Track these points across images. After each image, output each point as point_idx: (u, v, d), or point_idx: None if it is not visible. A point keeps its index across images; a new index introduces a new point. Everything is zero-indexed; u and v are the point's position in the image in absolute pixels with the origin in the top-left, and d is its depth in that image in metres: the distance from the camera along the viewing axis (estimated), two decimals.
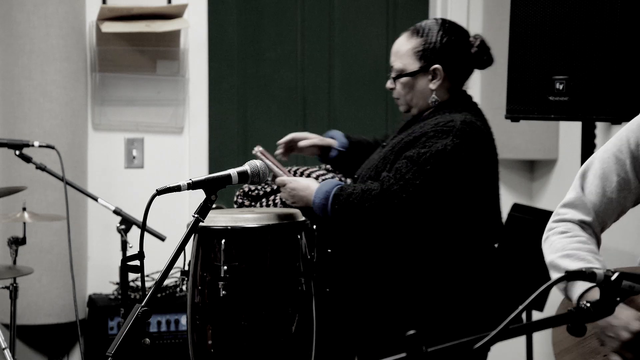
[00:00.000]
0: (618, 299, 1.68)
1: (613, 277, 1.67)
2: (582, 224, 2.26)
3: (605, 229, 2.35)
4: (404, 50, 2.99)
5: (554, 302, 2.54)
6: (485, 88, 4.73)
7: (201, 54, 4.48)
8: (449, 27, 3.00)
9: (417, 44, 2.97)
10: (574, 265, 2.16)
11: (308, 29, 4.70)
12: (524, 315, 3.84)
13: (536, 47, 3.17)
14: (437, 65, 2.95)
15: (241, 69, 4.65)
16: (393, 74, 3.00)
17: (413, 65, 2.97)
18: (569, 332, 1.75)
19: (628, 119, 3.22)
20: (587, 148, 3.35)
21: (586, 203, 2.27)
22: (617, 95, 3.11)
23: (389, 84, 3.03)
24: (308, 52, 4.72)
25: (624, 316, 2.08)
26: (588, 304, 1.67)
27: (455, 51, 2.98)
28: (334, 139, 3.28)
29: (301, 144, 3.27)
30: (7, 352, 2.94)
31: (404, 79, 2.97)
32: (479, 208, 2.93)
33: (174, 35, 4.36)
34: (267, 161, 3.04)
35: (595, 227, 2.27)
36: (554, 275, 2.22)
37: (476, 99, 4.68)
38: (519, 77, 3.27)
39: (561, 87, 3.18)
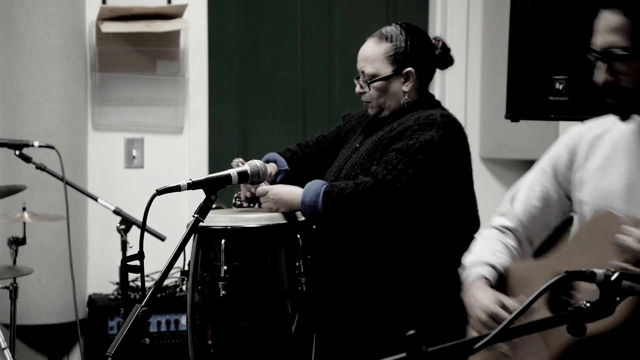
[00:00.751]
0: (618, 298, 1.68)
1: (613, 277, 1.68)
2: (502, 229, 2.42)
3: (534, 243, 2.46)
4: (375, 56, 3.06)
5: None
6: (485, 88, 4.73)
7: (201, 54, 4.48)
8: (413, 31, 3.09)
9: (387, 48, 3.05)
10: (467, 260, 2.41)
11: (308, 29, 4.71)
12: None
13: (536, 47, 3.17)
14: (410, 68, 3.03)
15: (241, 69, 4.65)
16: (365, 79, 3.06)
17: (386, 69, 3.04)
18: (568, 332, 1.75)
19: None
20: None
21: (512, 211, 2.42)
22: None
23: (359, 89, 3.10)
24: (308, 52, 4.72)
25: (480, 297, 2.24)
26: (588, 304, 1.67)
27: (423, 53, 3.07)
28: (272, 162, 3.30)
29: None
30: (7, 352, 2.95)
31: (377, 83, 3.04)
32: (462, 198, 2.99)
33: (174, 35, 4.36)
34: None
35: (517, 234, 2.40)
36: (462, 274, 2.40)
37: (476, 98, 4.74)
38: (519, 77, 3.27)
39: (561, 87, 3.19)
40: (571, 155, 2.32)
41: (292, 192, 3.02)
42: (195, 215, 2.33)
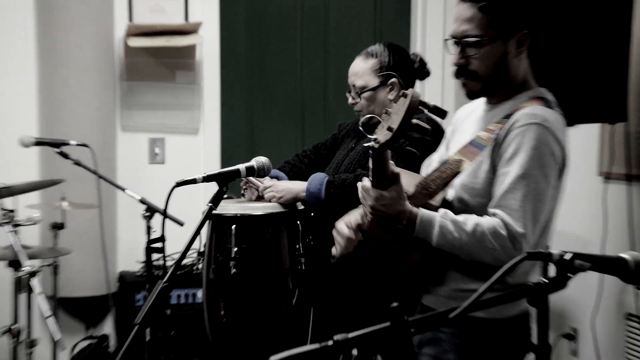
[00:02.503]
0: (570, 275, 1.69)
1: (567, 257, 1.69)
2: None
3: None
4: (363, 70, 3.08)
5: None
6: (458, 96, 4.73)
7: (214, 65, 4.47)
8: (394, 48, 3.11)
9: (374, 64, 3.07)
10: None
11: (306, 45, 4.70)
12: None
13: None
14: (394, 79, 3.04)
15: (248, 78, 4.65)
16: (356, 91, 3.08)
17: (373, 81, 3.06)
18: (529, 304, 1.76)
19: (581, 122, 3.24)
20: None
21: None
22: (569, 103, 3.12)
23: (351, 100, 3.12)
24: (306, 64, 4.72)
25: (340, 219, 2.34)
26: (546, 280, 1.68)
27: (404, 66, 3.08)
28: (274, 178, 3.31)
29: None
30: (51, 319, 2.95)
31: (367, 94, 3.06)
32: None
33: (191, 49, 4.36)
34: (253, 180, 3.16)
35: None
36: None
37: (451, 106, 4.74)
38: None
39: None
40: (452, 130, 2.44)
41: (296, 184, 3.05)
42: (210, 204, 2.33)
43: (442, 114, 2.12)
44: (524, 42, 2.19)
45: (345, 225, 2.30)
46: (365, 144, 2.01)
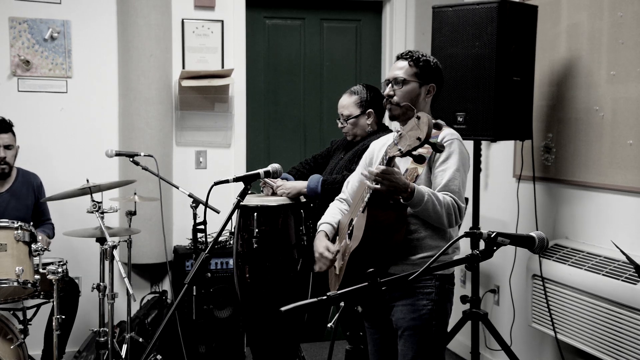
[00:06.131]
0: (495, 248, 1.68)
1: (492, 235, 1.68)
2: (341, 199, 2.56)
3: None
4: (348, 104, 3.08)
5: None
6: None
7: (241, 99, 4.45)
8: (371, 88, 3.13)
9: (356, 99, 3.08)
10: (320, 220, 2.49)
11: (307, 84, 4.68)
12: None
13: (446, 96, 3.17)
14: (370, 110, 3.04)
15: (266, 108, 4.62)
16: (344, 118, 3.08)
17: (356, 111, 3.06)
18: (466, 269, 1.74)
19: (501, 139, 3.24)
20: (476, 156, 3.34)
21: (346, 190, 2.56)
22: (493, 125, 3.11)
23: (340, 125, 3.13)
24: (307, 98, 4.70)
25: (317, 244, 2.38)
26: (477, 252, 1.66)
27: (377, 101, 3.08)
28: (285, 179, 3.29)
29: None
30: (126, 280, 2.93)
31: (351, 120, 3.07)
32: None
33: (225, 88, 4.34)
34: (268, 180, 3.12)
35: (348, 201, 2.55)
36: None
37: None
38: (437, 113, 3.27)
39: (461, 119, 3.18)
40: (370, 155, 2.52)
41: (300, 183, 3.05)
42: (238, 198, 2.32)
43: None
44: (431, 92, 2.40)
45: (326, 250, 2.33)
46: (392, 154, 2.05)
